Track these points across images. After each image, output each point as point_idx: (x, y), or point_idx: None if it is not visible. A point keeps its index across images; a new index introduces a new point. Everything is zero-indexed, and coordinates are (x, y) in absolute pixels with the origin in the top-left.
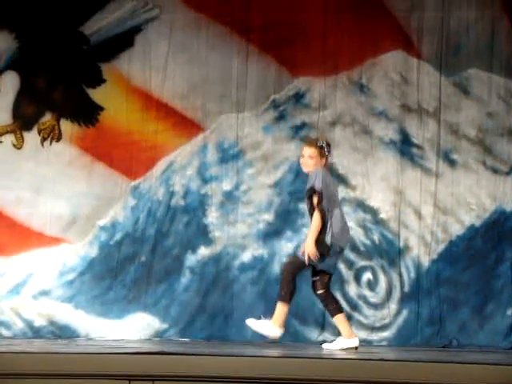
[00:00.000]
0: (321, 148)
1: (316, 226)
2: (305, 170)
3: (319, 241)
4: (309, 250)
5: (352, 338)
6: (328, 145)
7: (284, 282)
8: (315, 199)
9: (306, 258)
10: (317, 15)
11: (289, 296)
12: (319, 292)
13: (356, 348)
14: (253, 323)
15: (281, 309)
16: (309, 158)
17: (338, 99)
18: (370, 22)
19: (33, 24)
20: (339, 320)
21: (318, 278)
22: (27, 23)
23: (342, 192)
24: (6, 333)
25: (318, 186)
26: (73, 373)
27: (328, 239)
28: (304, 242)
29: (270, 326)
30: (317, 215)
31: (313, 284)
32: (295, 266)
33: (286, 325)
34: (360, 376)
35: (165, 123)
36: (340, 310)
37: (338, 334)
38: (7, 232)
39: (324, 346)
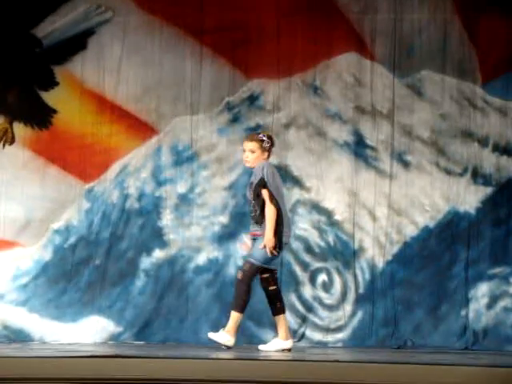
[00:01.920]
0: (261, 141)
1: (272, 219)
2: (246, 164)
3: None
4: (270, 244)
5: (288, 339)
6: (269, 137)
7: (239, 292)
8: (265, 192)
9: (269, 252)
10: (270, 17)
11: (244, 306)
12: (272, 288)
13: (289, 350)
14: (212, 336)
15: (235, 317)
16: (250, 152)
17: (292, 101)
18: (324, 23)
19: None
20: (281, 320)
21: (268, 274)
22: None
23: (296, 194)
24: None
25: (266, 177)
26: (27, 377)
27: (280, 233)
28: (244, 242)
29: (224, 335)
30: (272, 208)
31: (264, 280)
32: (249, 275)
33: (242, 327)
34: (315, 378)
35: (119, 126)
36: (284, 310)
37: (293, 335)
38: None
39: (260, 347)
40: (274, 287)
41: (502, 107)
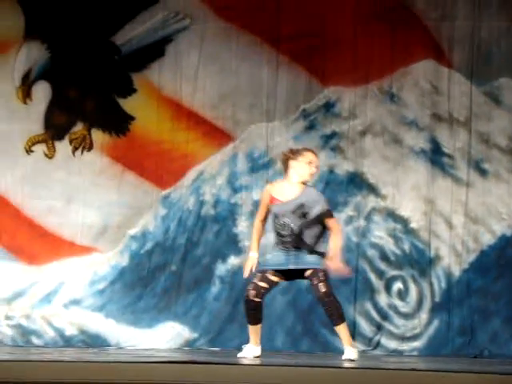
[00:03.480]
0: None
1: (340, 242)
2: (310, 180)
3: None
4: (337, 266)
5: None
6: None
7: (338, 303)
8: (334, 220)
9: (334, 273)
10: (347, 24)
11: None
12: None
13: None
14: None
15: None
16: (315, 168)
17: (368, 108)
18: (401, 31)
19: (64, 34)
20: (344, 328)
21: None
22: (59, 34)
23: (372, 201)
24: (37, 341)
25: (327, 206)
26: (104, 382)
27: None
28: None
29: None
30: (341, 236)
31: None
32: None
33: (317, 334)
34: None
35: (195, 133)
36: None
37: (368, 343)
38: (39, 241)
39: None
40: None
41: None
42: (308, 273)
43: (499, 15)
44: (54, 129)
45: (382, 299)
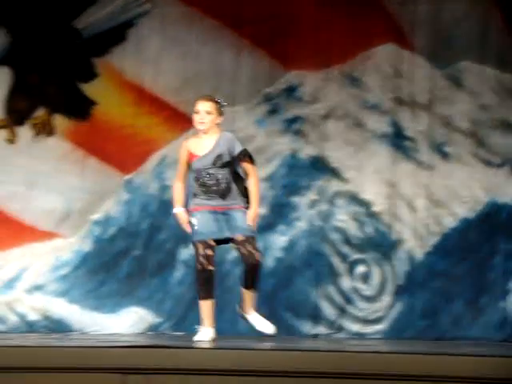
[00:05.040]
0: (217, 102)
1: (258, 191)
2: (200, 127)
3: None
4: (257, 219)
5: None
6: (224, 101)
7: (258, 273)
8: (249, 163)
9: (254, 228)
10: (309, 8)
11: None
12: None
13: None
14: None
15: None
16: (205, 114)
17: (330, 92)
18: (363, 14)
19: (25, 19)
20: (252, 295)
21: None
22: (19, 18)
23: (334, 185)
24: (0, 327)
25: (243, 147)
26: (67, 366)
27: None
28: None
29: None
30: (256, 179)
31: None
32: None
33: (280, 318)
34: (354, 368)
35: (158, 117)
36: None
37: (331, 326)
38: (0, 227)
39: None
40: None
41: None
42: (240, 238)
43: None
44: (15, 114)
45: (345, 283)
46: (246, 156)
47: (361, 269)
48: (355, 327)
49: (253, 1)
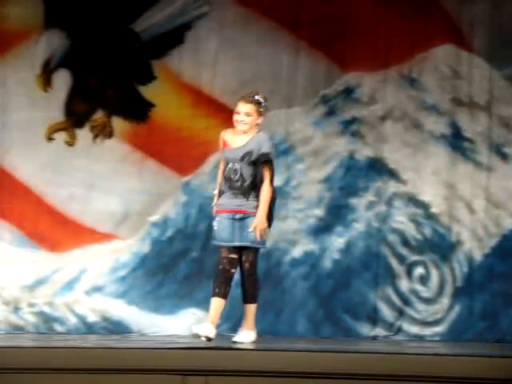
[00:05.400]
0: (258, 103)
1: (268, 201)
2: (240, 127)
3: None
4: (263, 226)
5: (254, 330)
6: (265, 100)
7: (254, 284)
8: (268, 169)
9: (258, 236)
10: (366, 9)
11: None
12: (249, 268)
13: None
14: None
15: (255, 310)
16: (245, 116)
17: (388, 94)
18: (421, 15)
19: (84, 22)
20: (253, 310)
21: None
22: (79, 21)
23: (392, 187)
24: (60, 328)
25: (269, 151)
26: (127, 368)
27: (271, 214)
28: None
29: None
30: (268, 187)
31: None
32: (257, 263)
33: (338, 320)
34: (413, 371)
35: (215, 119)
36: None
37: (390, 328)
38: (60, 228)
39: (235, 339)
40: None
41: None
42: (246, 248)
43: None
44: (75, 116)
45: (404, 284)
46: (265, 159)
47: (419, 270)
48: (414, 329)
49: (310, 2)
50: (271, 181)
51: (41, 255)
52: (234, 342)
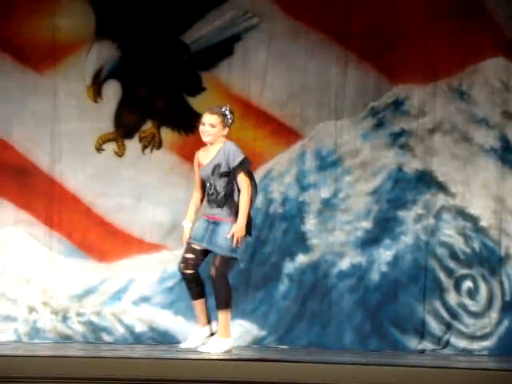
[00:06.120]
0: (223, 115)
1: (248, 207)
2: (205, 139)
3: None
4: (241, 234)
5: (228, 338)
6: (231, 112)
7: (219, 289)
8: (244, 177)
9: (235, 243)
10: (417, 21)
11: (229, 301)
12: (213, 274)
13: (230, 350)
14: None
15: (226, 316)
16: (210, 127)
17: (437, 106)
18: (471, 28)
19: (134, 33)
20: (224, 316)
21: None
22: (129, 33)
23: (441, 200)
24: (107, 338)
25: (240, 159)
26: (174, 378)
27: (250, 221)
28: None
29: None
30: (247, 195)
31: (197, 265)
32: (224, 269)
33: (384, 333)
34: None
35: (263, 131)
36: (229, 304)
37: (438, 342)
38: (109, 239)
39: (201, 349)
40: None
41: None
42: (215, 254)
43: None
44: (124, 127)
45: (452, 298)
46: (240, 168)
47: (467, 284)
48: (462, 343)
49: (360, 14)
50: (249, 190)
51: (89, 265)
52: (200, 352)
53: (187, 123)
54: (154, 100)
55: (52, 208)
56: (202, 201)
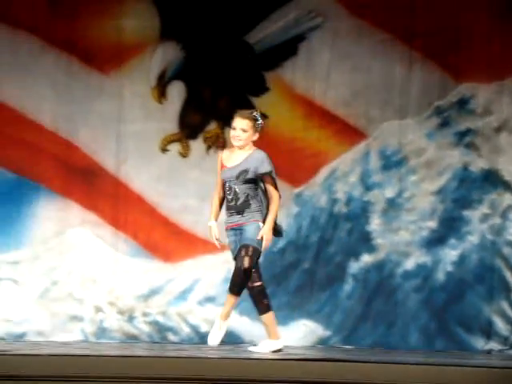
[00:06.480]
0: (254, 120)
1: (276, 210)
2: (235, 143)
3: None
4: (268, 236)
5: (279, 338)
6: (263, 116)
7: (245, 279)
8: (270, 183)
9: (264, 246)
10: (482, 20)
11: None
12: (256, 284)
13: (280, 350)
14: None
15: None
16: (241, 131)
17: (503, 105)
18: None
19: (199, 34)
20: (269, 319)
21: (254, 269)
22: (193, 34)
23: (508, 199)
24: (173, 338)
25: (270, 169)
26: (239, 378)
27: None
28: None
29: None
30: (277, 199)
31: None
32: (255, 260)
33: (450, 333)
34: None
35: (327, 130)
36: (270, 308)
37: (504, 342)
38: (174, 239)
39: (251, 348)
40: (258, 283)
41: None
42: (242, 245)
43: None
44: (189, 128)
45: None
46: (270, 178)
47: None
48: None
49: (424, 14)
50: (278, 192)
51: (154, 265)
52: (251, 352)
53: None
54: (218, 100)
55: (118, 208)
56: (223, 200)
